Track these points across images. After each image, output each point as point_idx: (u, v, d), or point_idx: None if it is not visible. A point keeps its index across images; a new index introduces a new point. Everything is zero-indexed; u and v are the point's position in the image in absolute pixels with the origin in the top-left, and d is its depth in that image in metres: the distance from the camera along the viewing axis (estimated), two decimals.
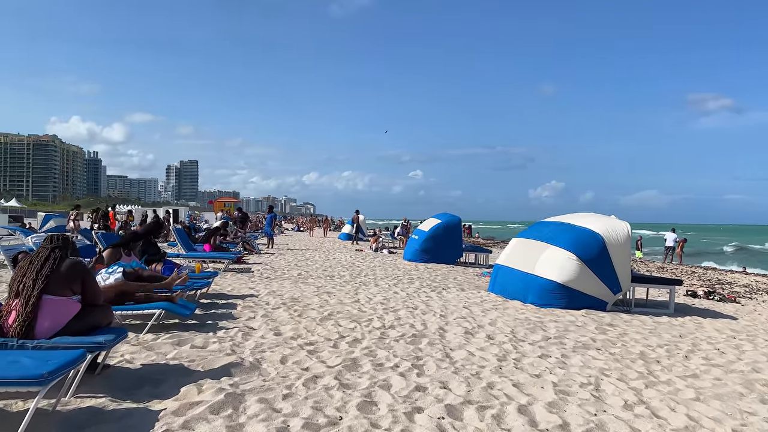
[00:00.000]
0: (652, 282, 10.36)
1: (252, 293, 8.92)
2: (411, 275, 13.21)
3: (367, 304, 8.37)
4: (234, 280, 10.52)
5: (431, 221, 18.67)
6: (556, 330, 6.95)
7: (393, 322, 6.92)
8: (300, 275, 12.03)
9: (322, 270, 13.45)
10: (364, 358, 5.08)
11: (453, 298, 9.48)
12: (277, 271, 12.60)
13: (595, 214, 10.33)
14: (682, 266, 24.86)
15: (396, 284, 11.14)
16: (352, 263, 15.98)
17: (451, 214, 19.07)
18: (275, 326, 6.35)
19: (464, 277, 13.48)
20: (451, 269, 15.78)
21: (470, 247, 19.01)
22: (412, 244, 18.59)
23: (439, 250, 17.76)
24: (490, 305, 8.86)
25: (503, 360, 5.28)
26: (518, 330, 6.82)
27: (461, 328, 6.68)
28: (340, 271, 13.27)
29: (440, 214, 19.32)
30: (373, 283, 11.07)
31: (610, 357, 5.68)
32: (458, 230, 18.25)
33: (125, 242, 7.20)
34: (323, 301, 8.37)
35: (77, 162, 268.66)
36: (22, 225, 30.98)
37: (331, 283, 10.85)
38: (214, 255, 12.51)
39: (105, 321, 4.35)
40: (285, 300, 8.31)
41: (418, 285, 11.17)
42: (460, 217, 18.52)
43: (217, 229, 14.56)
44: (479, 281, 12.86)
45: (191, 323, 6.36)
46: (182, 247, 13.80)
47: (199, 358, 4.84)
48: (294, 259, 16.34)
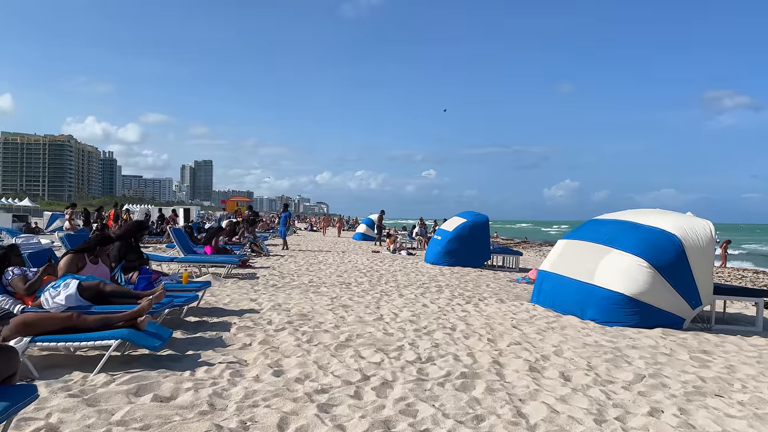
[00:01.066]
0: (734, 293, 8.63)
1: (253, 307, 7.37)
2: (438, 282, 11.60)
3: (393, 321, 6.78)
4: (234, 289, 8.99)
5: (455, 220, 17.03)
6: (643, 362, 5.30)
7: (430, 350, 5.32)
8: (311, 282, 10.47)
9: (336, 275, 11.89)
10: (400, 419, 3.49)
11: (494, 313, 7.85)
12: (285, 278, 11.06)
13: (663, 210, 8.63)
14: (727, 269, 22.93)
15: (423, 293, 9.53)
16: (369, 267, 14.41)
17: (476, 212, 17.42)
18: (276, 359, 4.79)
19: (498, 284, 11.84)
20: (479, 274, 14.14)
21: (498, 249, 17.34)
22: (434, 246, 16.97)
23: (464, 252, 16.12)
24: (543, 323, 7.22)
25: (602, 420, 3.66)
26: (596, 363, 5.19)
27: (521, 361, 5.06)
28: (357, 277, 11.70)
29: (465, 212, 17.67)
30: (396, 293, 9.47)
31: (742, 409, 4.04)
32: (485, 230, 16.59)
33: (90, 246, 5.69)
34: (339, 319, 6.80)
35: (92, 162, 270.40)
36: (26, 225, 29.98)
37: (348, 292, 9.27)
38: (213, 259, 11.00)
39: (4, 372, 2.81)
40: (292, 317, 6.75)
41: (448, 295, 9.56)
42: (487, 216, 16.86)
43: (220, 229, 13.07)
44: (515, 289, 11.22)
45: (166, 354, 4.82)
46: (180, 249, 12.33)
47: (159, 423, 3.28)
48: (305, 263, 14.81)
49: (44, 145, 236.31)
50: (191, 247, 13.00)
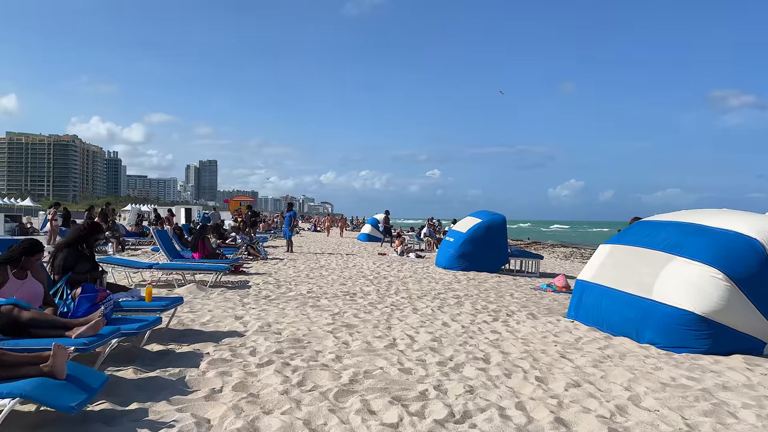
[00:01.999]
0: None
1: (236, 328, 6.01)
2: (454, 290, 10.20)
3: (410, 349, 5.39)
4: (219, 303, 7.64)
5: (469, 220, 15.63)
6: (753, 414, 3.90)
7: (464, 400, 3.93)
8: (311, 293, 9.10)
9: (339, 283, 10.52)
10: None
11: (530, 334, 6.45)
12: (281, 286, 9.70)
13: (733, 210, 7.21)
14: None
15: (440, 307, 8.14)
16: (376, 272, 13.04)
17: (492, 211, 16.01)
18: (252, 418, 3.41)
19: (522, 293, 10.44)
20: (498, 280, 12.74)
21: (516, 252, 15.92)
22: (446, 249, 15.57)
23: (480, 255, 14.72)
24: (595, 349, 5.81)
25: None
26: (692, 418, 3.78)
27: (593, 418, 3.65)
28: (364, 285, 10.32)
29: (479, 212, 16.27)
30: (409, 306, 8.08)
31: None
32: (503, 231, 15.18)
33: (12, 256, 4.34)
34: (341, 346, 5.42)
35: (97, 162, 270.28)
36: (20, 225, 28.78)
37: (353, 306, 7.89)
38: (198, 265, 9.64)
39: None
40: (282, 343, 5.38)
41: (470, 308, 8.16)
42: (504, 216, 15.45)
43: (204, 228, 11.71)
44: (543, 299, 9.82)
45: (99, 408, 3.47)
46: (165, 254, 11.00)
47: None
48: (306, 267, 13.45)
49: (49, 145, 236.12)
50: (178, 251, 11.67)
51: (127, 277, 9.40)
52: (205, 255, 11.34)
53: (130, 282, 9.34)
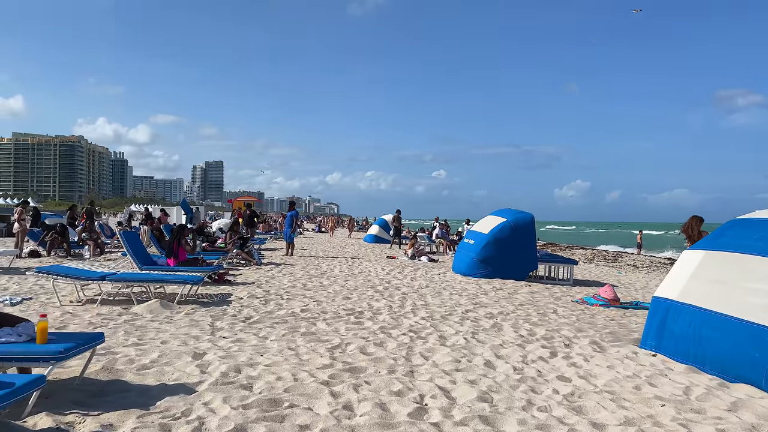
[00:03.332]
0: None
1: (187, 376, 4.10)
2: (484, 306, 8.27)
3: (449, 421, 3.45)
4: (181, 328, 5.75)
5: (492, 220, 13.68)
6: None
7: None
8: (305, 311, 7.19)
9: (343, 296, 8.60)
10: None
11: (614, 381, 4.50)
12: (270, 302, 7.80)
13: None
14: None
15: (474, 333, 6.19)
16: (386, 281, 11.12)
17: (518, 210, 14.07)
18: None
19: (566, 309, 8.49)
20: (530, 291, 10.80)
21: (547, 257, 13.94)
22: (465, 252, 13.63)
23: (504, 260, 12.78)
24: (721, 411, 3.86)
25: None
26: None
27: None
28: (372, 299, 8.40)
29: (503, 210, 14.32)
30: (433, 333, 6.14)
31: None
32: (530, 232, 13.23)
33: None
34: (340, 413, 3.48)
35: (103, 162, 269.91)
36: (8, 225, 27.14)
37: (359, 333, 5.96)
38: (165, 276, 7.74)
39: None
40: (249, 409, 3.46)
41: (513, 334, 6.22)
42: (533, 215, 13.49)
43: (182, 229, 9.82)
44: (595, 317, 7.89)
45: None
46: (133, 260, 9.14)
47: None
48: (304, 274, 11.54)
49: (55, 146, 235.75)
50: (150, 257, 9.80)
51: (77, 292, 7.53)
52: (183, 261, 9.46)
53: (80, 297, 7.47)
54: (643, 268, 22.91)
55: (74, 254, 14.66)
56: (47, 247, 14.49)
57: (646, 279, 16.52)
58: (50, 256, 14.06)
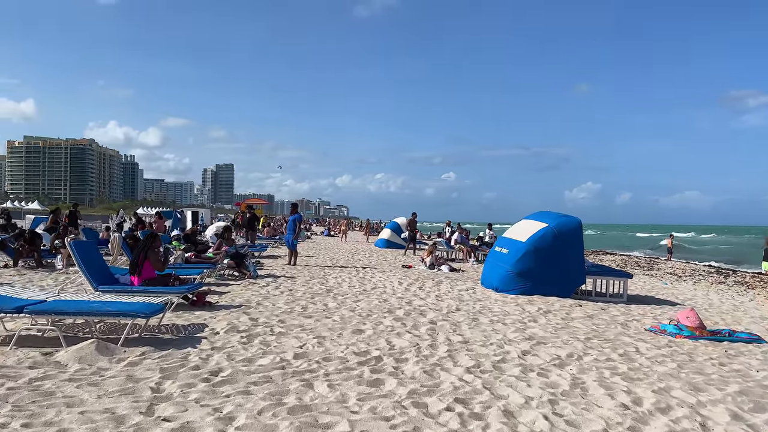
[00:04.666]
0: None
1: None
2: (542, 342, 6.16)
3: None
4: (109, 392, 3.71)
5: (529, 225, 11.57)
6: None
7: None
8: (300, 357, 5.10)
9: (353, 328, 6.51)
10: None
11: None
12: (253, 340, 5.73)
13: None
14: None
15: (554, 403, 4.08)
16: (407, 300, 9.02)
17: (560, 213, 11.94)
18: None
19: (653, 348, 6.36)
20: (585, 314, 8.68)
21: (595, 269, 11.76)
22: (498, 264, 11.51)
23: (546, 273, 10.67)
24: None
25: None
26: None
27: None
28: (392, 334, 6.29)
29: (542, 213, 12.20)
30: (493, 405, 4.04)
31: None
32: (577, 240, 11.09)
33: None
34: None
35: (114, 165, 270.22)
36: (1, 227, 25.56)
37: (377, 408, 3.85)
38: (109, 307, 5.67)
39: None
40: None
41: (610, 403, 4.10)
42: (580, 219, 11.35)
43: (152, 238, 7.81)
44: (695, 358, 5.77)
45: None
46: (87, 279, 7.17)
47: None
48: (306, 292, 9.49)
49: (66, 149, 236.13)
50: (112, 273, 7.80)
51: None
52: (149, 279, 7.44)
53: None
54: (686, 277, 20.66)
55: (47, 264, 12.77)
56: (14, 256, 12.60)
57: (701, 292, 14.31)
58: (16, 267, 12.16)
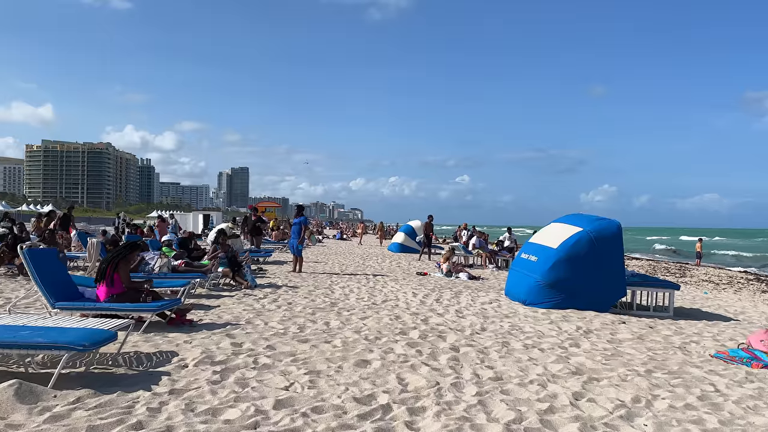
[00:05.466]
0: None
1: None
2: (594, 377, 4.86)
3: None
4: None
5: (561, 230, 10.25)
6: None
7: None
8: (284, 406, 3.88)
9: (356, 358, 5.26)
10: None
11: None
12: (226, 378, 4.51)
13: None
14: None
15: None
16: (423, 317, 7.75)
17: (596, 216, 10.59)
18: None
19: (733, 385, 5.03)
20: (632, 333, 7.35)
21: (637, 279, 10.38)
22: (525, 272, 10.19)
23: (582, 284, 9.36)
24: None
25: None
26: None
27: None
28: (404, 366, 5.02)
29: (575, 216, 10.86)
30: None
31: None
32: (617, 247, 9.73)
33: None
34: None
35: (130, 169, 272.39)
36: None
37: None
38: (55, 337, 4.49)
39: None
40: None
41: None
42: (619, 222, 9.99)
43: (131, 248, 6.66)
44: None
45: None
46: (44, 295, 6.05)
47: None
48: (307, 306, 8.28)
49: (83, 153, 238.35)
50: (76, 287, 6.65)
51: None
52: (118, 294, 6.28)
53: None
54: (724, 284, 19.11)
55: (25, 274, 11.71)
56: None
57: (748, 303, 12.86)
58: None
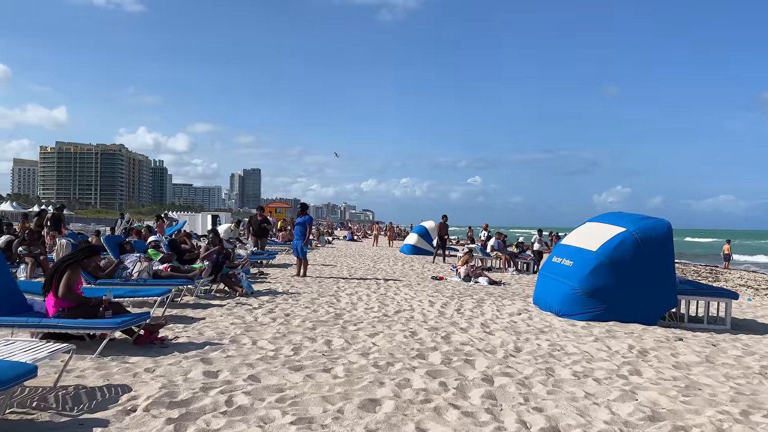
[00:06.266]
0: None
1: None
2: (680, 426, 3.59)
3: None
4: None
5: (600, 229, 8.94)
6: None
7: None
8: None
9: (362, 393, 4.00)
10: None
11: None
12: (185, 425, 3.32)
13: None
14: None
15: None
16: (443, 334, 6.47)
17: (641, 214, 9.25)
18: None
19: None
20: (701, 353, 6.02)
21: (688, 285, 9.02)
22: (560, 279, 8.88)
23: (627, 292, 8.06)
24: None
25: None
26: None
27: None
28: (427, 411, 3.75)
29: (615, 214, 9.55)
30: None
31: None
32: (667, 251, 8.40)
33: None
34: None
35: (143, 170, 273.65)
36: None
37: None
38: None
39: None
40: None
41: None
42: (669, 222, 8.65)
43: (83, 252, 5.50)
44: None
45: None
46: None
47: None
48: (307, 319, 7.05)
49: (96, 155, 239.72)
50: (23, 298, 5.49)
51: None
52: (70, 308, 5.10)
53: None
54: (763, 289, 17.68)
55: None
56: None
57: None
58: None
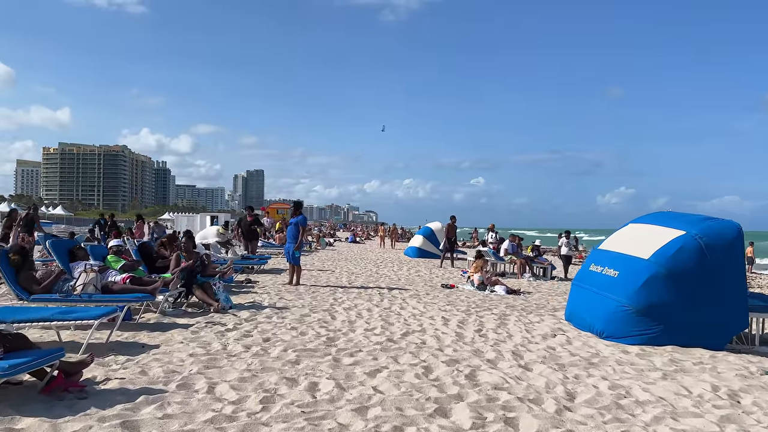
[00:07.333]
0: None
1: None
2: None
3: None
4: None
5: (652, 233, 7.37)
6: None
7: None
8: None
9: None
10: None
11: None
12: None
13: None
14: None
15: None
16: (466, 367, 4.91)
17: (702, 215, 7.67)
18: None
19: None
20: None
21: (762, 302, 7.44)
22: (602, 293, 7.28)
23: (689, 309, 6.49)
24: None
25: None
26: None
27: None
28: None
29: (668, 214, 7.99)
30: None
31: None
32: (737, 258, 6.83)
33: None
34: None
35: (146, 171, 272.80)
36: None
37: None
38: None
39: None
40: None
41: None
42: (739, 225, 7.06)
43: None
44: None
45: None
46: None
47: None
48: (290, 345, 5.49)
49: (99, 156, 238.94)
50: None
51: None
52: None
53: None
54: None
55: None
56: None
57: None
58: None
